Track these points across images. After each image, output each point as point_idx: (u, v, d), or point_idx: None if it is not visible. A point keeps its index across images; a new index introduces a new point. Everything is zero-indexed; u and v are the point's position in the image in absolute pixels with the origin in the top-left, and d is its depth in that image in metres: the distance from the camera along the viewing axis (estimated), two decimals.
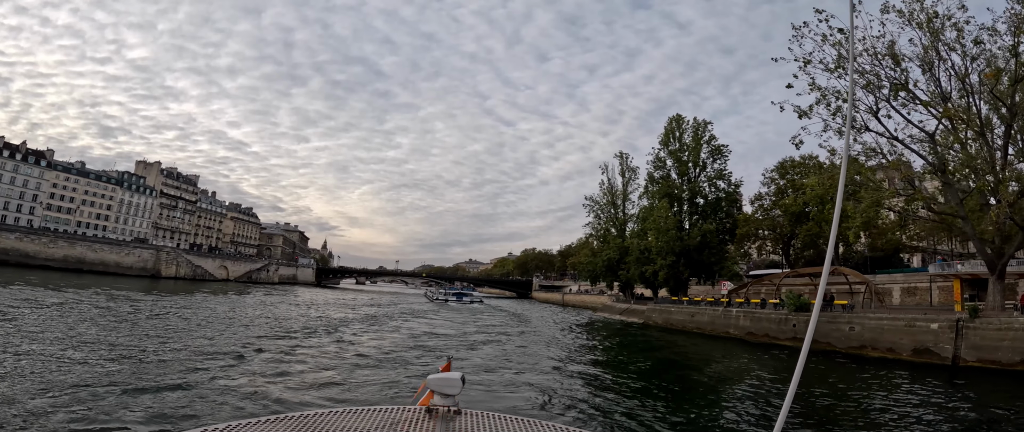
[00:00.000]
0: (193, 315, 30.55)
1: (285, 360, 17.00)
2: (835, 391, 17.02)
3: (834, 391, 17.01)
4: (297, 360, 17.24)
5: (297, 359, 17.44)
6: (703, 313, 40.33)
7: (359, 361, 17.89)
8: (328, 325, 30.81)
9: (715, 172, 51.85)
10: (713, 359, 27.21)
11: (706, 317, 39.59)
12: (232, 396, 11.45)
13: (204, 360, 15.41)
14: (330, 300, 61.17)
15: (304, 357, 17.89)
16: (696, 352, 29.96)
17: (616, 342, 34.62)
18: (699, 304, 42.63)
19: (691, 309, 41.99)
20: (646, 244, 50.07)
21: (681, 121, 54.42)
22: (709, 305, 41.22)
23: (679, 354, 29.08)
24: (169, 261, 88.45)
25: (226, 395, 11.48)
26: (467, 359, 20.18)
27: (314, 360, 17.55)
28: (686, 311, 42.29)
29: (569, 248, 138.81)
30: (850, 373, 21.84)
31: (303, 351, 19.33)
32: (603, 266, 61.32)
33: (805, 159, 60.66)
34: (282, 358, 17.27)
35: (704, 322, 39.59)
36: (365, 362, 17.73)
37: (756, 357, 27.41)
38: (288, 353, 18.51)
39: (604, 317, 55.62)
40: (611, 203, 65.63)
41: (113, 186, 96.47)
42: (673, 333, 40.20)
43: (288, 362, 16.67)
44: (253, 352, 17.89)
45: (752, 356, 27.91)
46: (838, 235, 4.74)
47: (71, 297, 34.54)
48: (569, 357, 25.29)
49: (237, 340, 20.70)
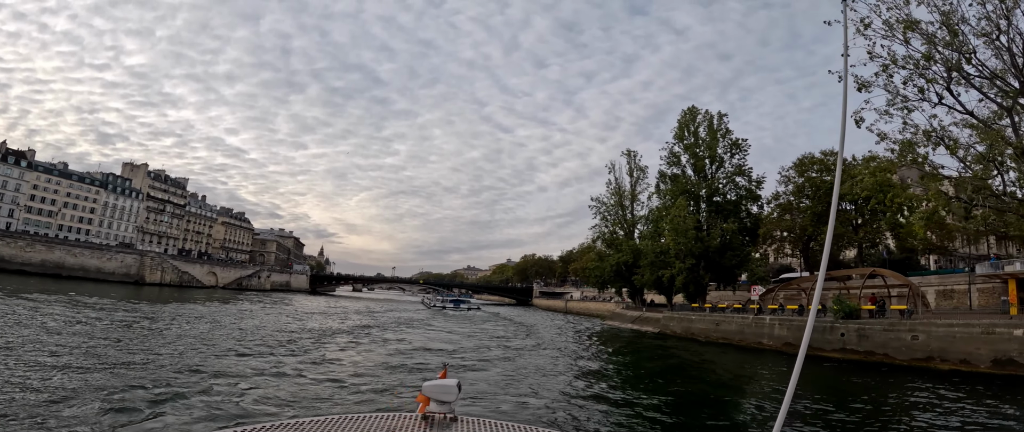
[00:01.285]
0: (165, 326, 27.05)
1: (231, 388, 13.07)
2: (921, 416, 13.36)
3: (920, 416, 13.35)
4: (247, 388, 13.29)
5: (249, 386, 13.49)
6: (730, 321, 36.40)
7: (330, 390, 13.93)
8: (307, 338, 26.88)
9: (734, 168, 48.11)
10: (751, 375, 23.41)
11: (734, 326, 35.67)
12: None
13: (152, 382, 12.89)
14: (321, 308, 57.20)
15: (256, 384, 13.90)
16: (729, 367, 26.04)
17: (635, 355, 30.71)
18: (725, 311, 38.72)
19: (716, 317, 38.06)
20: (660, 246, 46.14)
21: (696, 114, 50.78)
22: (736, 312, 37.32)
23: (709, 369, 25.20)
24: (154, 266, 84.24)
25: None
26: (474, 382, 16.30)
27: (270, 388, 13.60)
28: (710, 319, 38.36)
29: (570, 253, 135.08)
30: (923, 390, 18.18)
31: (259, 376, 15.30)
32: (611, 271, 57.33)
33: (826, 155, 57.20)
34: (232, 387, 13.34)
35: (731, 331, 35.66)
36: (336, 392, 13.76)
37: (812, 373, 23.56)
38: (238, 377, 14.56)
39: (614, 326, 51.62)
40: (619, 204, 61.77)
41: (97, 188, 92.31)
42: (695, 344, 36.29)
43: (233, 392, 12.73)
44: (194, 373, 13.98)
45: (805, 372, 24.10)
46: (890, 231, 2.04)
47: (31, 306, 30.57)
48: (587, 374, 21.55)
49: (189, 357, 17.41)
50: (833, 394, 17.53)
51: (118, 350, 17.57)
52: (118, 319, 28.27)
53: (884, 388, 19.27)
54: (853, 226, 52.64)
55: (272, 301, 65.53)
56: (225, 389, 12.77)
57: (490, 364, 21.84)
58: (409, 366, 19.65)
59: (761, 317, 33.88)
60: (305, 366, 17.70)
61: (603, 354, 30.59)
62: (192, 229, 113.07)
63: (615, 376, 22.09)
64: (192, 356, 17.52)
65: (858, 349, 27.62)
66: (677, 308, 44.35)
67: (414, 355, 23.21)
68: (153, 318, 30.74)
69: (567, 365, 23.67)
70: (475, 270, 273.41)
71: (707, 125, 49.83)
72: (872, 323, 28.09)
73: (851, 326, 28.43)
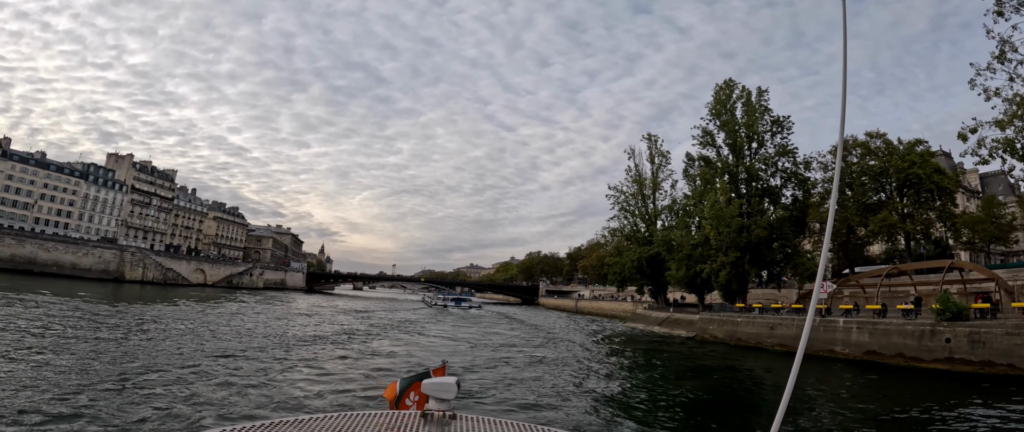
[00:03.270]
0: (126, 331, 22.30)
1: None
2: None
3: None
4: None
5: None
6: (788, 324, 30.49)
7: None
8: (276, 345, 21.12)
9: (776, 148, 42.17)
10: (846, 394, 17.55)
11: (795, 330, 29.74)
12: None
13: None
14: (313, 309, 51.54)
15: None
16: (816, 383, 20.10)
17: (679, 367, 24.83)
18: (779, 312, 32.80)
19: (769, 319, 32.12)
20: (695, 238, 40.13)
21: (732, 88, 44.86)
22: (795, 313, 31.41)
23: (780, 387, 19.28)
24: (135, 263, 78.51)
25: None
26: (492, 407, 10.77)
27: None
28: (761, 321, 32.42)
29: (579, 250, 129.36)
30: None
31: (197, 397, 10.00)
32: (633, 267, 51.44)
33: (871, 137, 51.34)
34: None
35: (791, 336, 29.77)
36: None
37: (908, 390, 17.92)
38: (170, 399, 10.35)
39: (638, 329, 45.70)
40: (639, 194, 55.84)
41: (77, 179, 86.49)
42: (744, 351, 30.46)
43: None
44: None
45: (899, 389, 18.50)
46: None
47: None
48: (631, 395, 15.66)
49: (127, 364, 14.78)
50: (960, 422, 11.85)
51: (55, 355, 15.11)
52: (75, 321, 24.05)
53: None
54: (901, 215, 46.93)
55: (261, 300, 59.87)
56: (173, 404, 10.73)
57: (515, 383, 16.13)
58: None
59: (833, 320, 27.97)
60: (255, 385, 12.39)
61: (646, 369, 24.73)
62: (181, 224, 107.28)
63: (669, 394, 16.24)
64: (131, 363, 15.01)
65: (971, 358, 21.80)
66: (718, 309, 38.42)
67: (412, 368, 17.43)
68: (116, 321, 25.46)
69: (604, 387, 17.89)
70: (478, 268, 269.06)
71: (745, 101, 43.96)
72: (989, 326, 22.19)
73: (960, 330, 22.55)
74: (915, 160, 45.96)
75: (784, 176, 42.06)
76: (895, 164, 45.64)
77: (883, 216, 46.58)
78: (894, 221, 46.05)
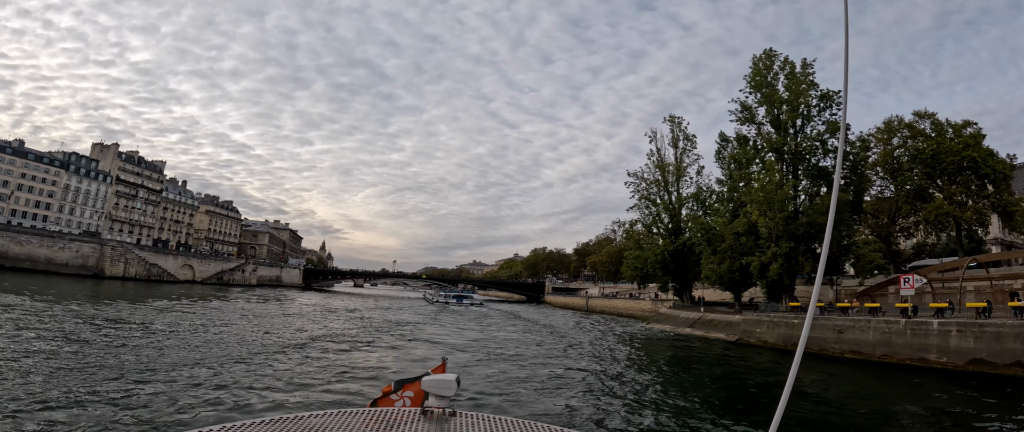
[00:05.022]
0: (45, 342, 17.03)
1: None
2: None
3: None
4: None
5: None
6: (862, 327, 25.20)
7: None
8: (238, 356, 16.04)
9: (826, 125, 36.85)
10: (967, 419, 12.39)
11: (872, 333, 24.49)
12: None
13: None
14: (303, 308, 46.58)
15: None
16: (910, 401, 14.86)
17: (730, 381, 19.69)
18: (847, 312, 27.49)
19: (837, 320, 26.81)
20: (736, 226, 34.76)
21: (773, 59, 39.59)
22: (871, 313, 26.11)
23: (885, 411, 14.11)
24: (116, 258, 73.54)
25: None
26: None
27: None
28: (827, 323, 27.10)
29: (587, 246, 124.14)
30: None
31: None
32: (656, 262, 46.15)
33: (919, 117, 46.01)
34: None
35: (867, 341, 24.52)
36: None
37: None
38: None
39: (665, 331, 40.48)
40: (662, 181, 50.52)
41: (57, 169, 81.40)
42: (806, 359, 25.20)
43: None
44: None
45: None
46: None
47: None
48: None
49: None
50: None
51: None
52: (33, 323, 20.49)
53: None
54: (957, 203, 41.80)
55: (251, 298, 54.84)
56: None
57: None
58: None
59: (924, 322, 22.67)
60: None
61: (688, 382, 19.52)
62: (170, 218, 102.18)
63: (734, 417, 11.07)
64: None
65: None
66: (766, 308, 33.10)
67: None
68: (55, 326, 20.23)
69: (664, 414, 12.71)
70: (481, 265, 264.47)
71: (788, 74, 38.68)
72: None
73: None
74: (968, 142, 40.91)
75: (835, 157, 36.76)
76: (947, 146, 40.56)
77: (936, 204, 41.35)
78: (950, 210, 40.85)
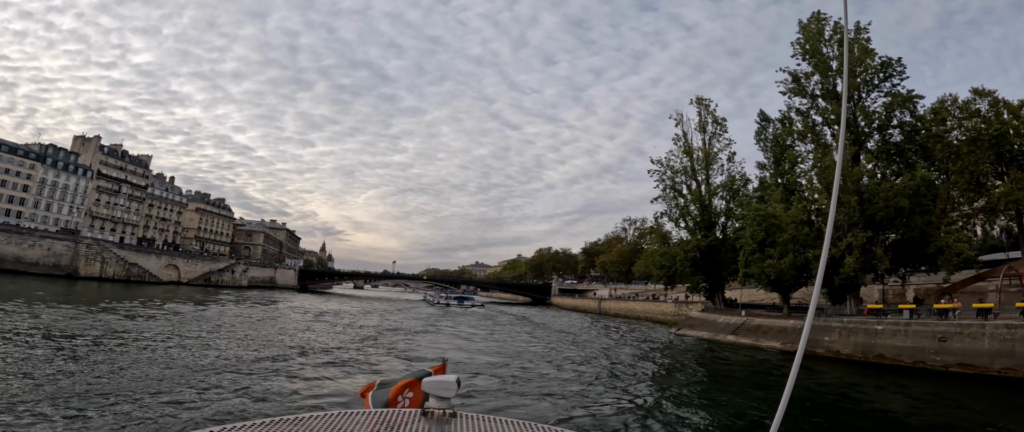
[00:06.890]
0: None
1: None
2: None
3: None
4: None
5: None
6: (975, 334, 19.62)
7: None
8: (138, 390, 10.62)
9: (893, 97, 31.38)
10: None
11: (988, 341, 18.93)
12: None
13: None
14: (287, 314, 41.26)
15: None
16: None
17: (821, 414, 14.22)
18: (947, 316, 21.92)
19: (934, 326, 21.23)
20: (795, 214, 29.11)
21: (823, 23, 34.16)
22: (980, 316, 20.52)
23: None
24: (91, 257, 68.25)
25: None
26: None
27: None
28: (921, 330, 21.55)
29: (595, 245, 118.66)
30: None
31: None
32: (686, 260, 40.59)
33: (978, 94, 40.53)
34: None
35: (981, 351, 18.99)
36: None
37: None
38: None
39: (700, 339, 34.97)
40: (690, 169, 45.00)
41: (32, 162, 76.08)
42: (895, 374, 19.82)
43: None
44: None
45: None
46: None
47: None
48: None
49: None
50: None
51: None
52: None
53: None
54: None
55: (237, 302, 49.56)
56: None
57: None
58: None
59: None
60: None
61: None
62: (156, 215, 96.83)
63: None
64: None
65: None
66: (828, 312, 27.56)
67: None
68: None
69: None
70: (483, 266, 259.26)
71: (840, 40, 33.17)
72: None
73: None
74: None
75: (905, 133, 31.28)
76: (1011, 125, 35.36)
77: (1004, 190, 35.95)
78: (1020, 196, 35.45)
